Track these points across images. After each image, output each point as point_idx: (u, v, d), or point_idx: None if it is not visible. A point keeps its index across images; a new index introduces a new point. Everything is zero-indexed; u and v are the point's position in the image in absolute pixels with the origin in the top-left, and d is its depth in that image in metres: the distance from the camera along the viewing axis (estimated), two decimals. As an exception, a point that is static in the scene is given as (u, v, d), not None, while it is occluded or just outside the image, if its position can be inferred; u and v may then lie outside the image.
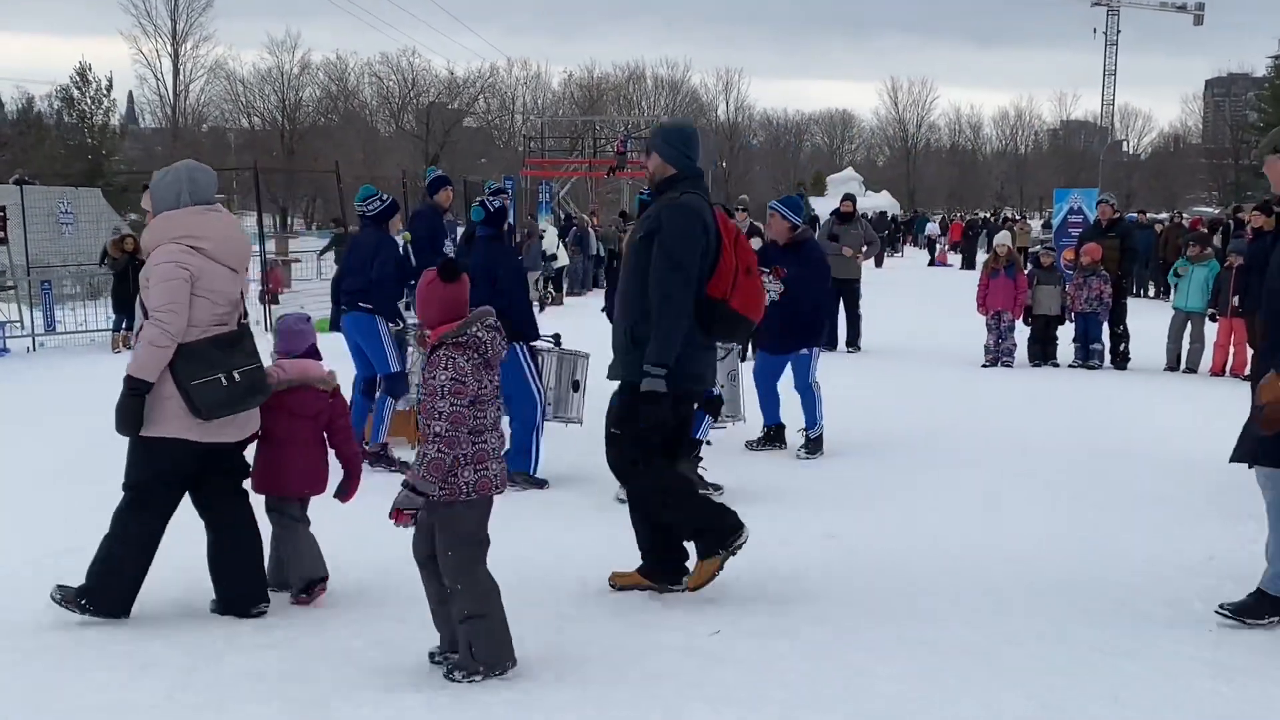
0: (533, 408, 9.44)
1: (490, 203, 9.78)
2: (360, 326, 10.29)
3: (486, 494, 5.51)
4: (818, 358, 10.92)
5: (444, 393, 5.29)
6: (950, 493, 9.37)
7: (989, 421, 12.49)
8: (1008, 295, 16.68)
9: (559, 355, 9.83)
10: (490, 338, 5.46)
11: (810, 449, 10.75)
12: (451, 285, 5.48)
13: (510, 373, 9.34)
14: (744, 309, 6.52)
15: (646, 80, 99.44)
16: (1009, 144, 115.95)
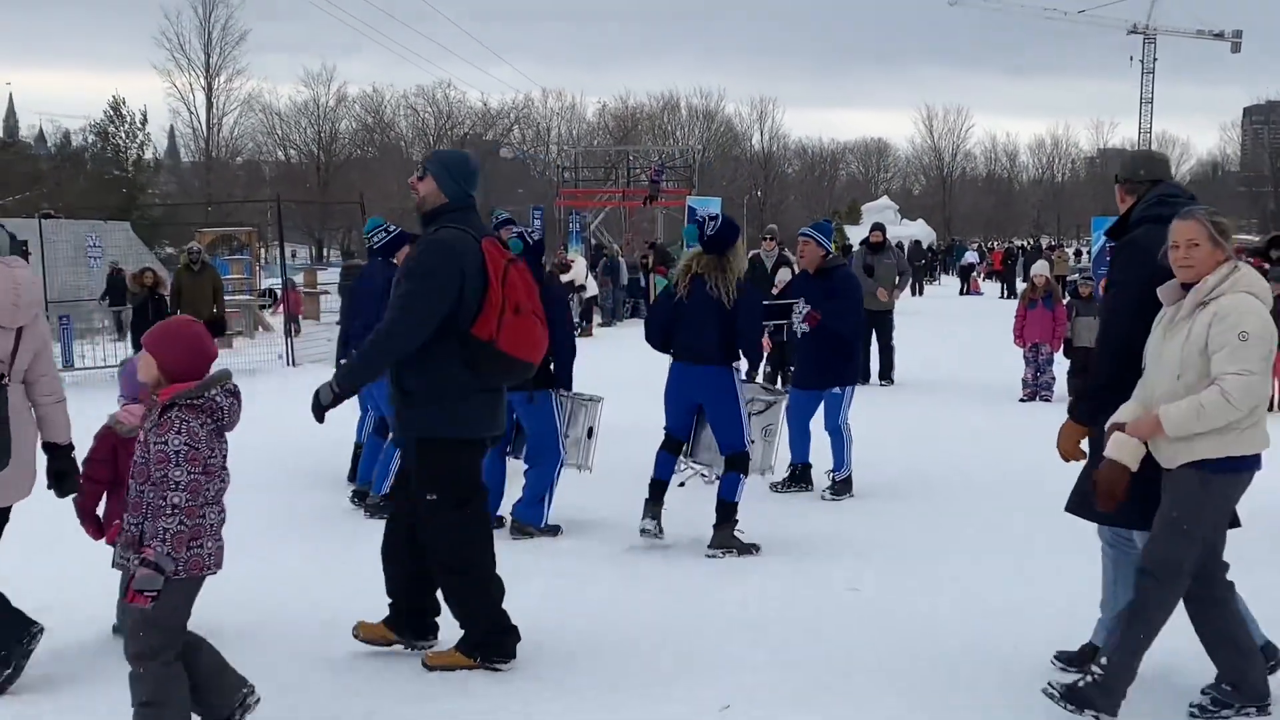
0: (554, 460, 8.98)
1: (530, 235, 9.23)
2: None
3: (198, 573, 4.89)
4: (850, 397, 10.43)
5: (179, 459, 4.72)
6: (983, 542, 8.84)
7: (1025, 461, 11.88)
8: (1046, 327, 16.13)
9: (573, 400, 9.35)
10: (229, 404, 4.88)
11: (836, 491, 10.27)
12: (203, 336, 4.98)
13: (544, 422, 8.90)
14: (514, 349, 5.93)
15: (681, 110, 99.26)
16: (1045, 172, 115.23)
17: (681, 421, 8.69)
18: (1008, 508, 9.92)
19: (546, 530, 8.91)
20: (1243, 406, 5.11)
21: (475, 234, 6.00)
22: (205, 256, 21.43)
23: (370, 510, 9.65)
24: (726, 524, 8.41)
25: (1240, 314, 5.14)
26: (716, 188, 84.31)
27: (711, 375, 8.45)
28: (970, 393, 16.81)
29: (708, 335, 8.38)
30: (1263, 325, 5.15)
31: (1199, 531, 5.31)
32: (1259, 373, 5.13)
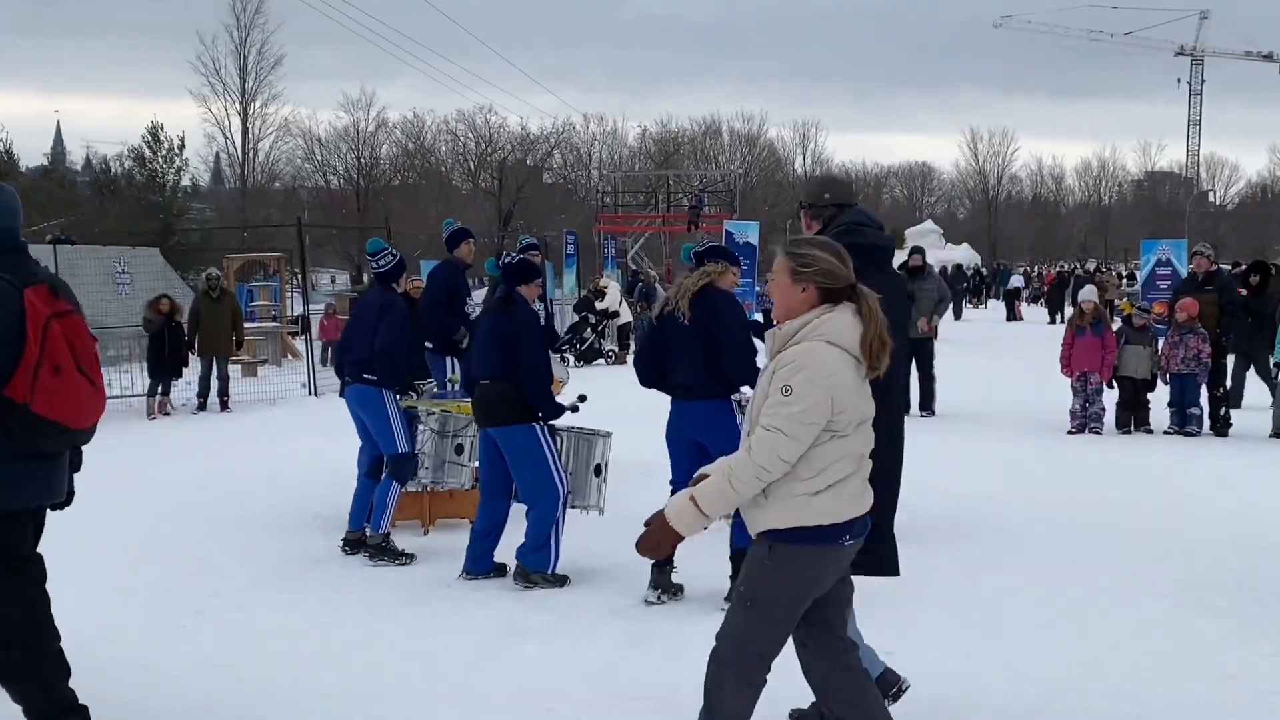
0: (554, 498, 8.21)
1: (507, 259, 8.64)
2: (365, 400, 9.19)
3: None
4: None
5: None
6: (1030, 597, 8.00)
7: (1075, 501, 11.09)
8: (1094, 355, 15.26)
9: (577, 435, 8.62)
10: None
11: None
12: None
13: (528, 458, 8.17)
14: (51, 412, 4.98)
15: (723, 134, 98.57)
16: (1092, 195, 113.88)
17: (685, 471, 7.92)
18: (1055, 556, 9.09)
19: (553, 579, 8.16)
20: (768, 465, 4.43)
21: (17, 281, 5.01)
22: (225, 283, 20.87)
23: (372, 552, 8.96)
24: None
25: (794, 367, 4.47)
26: (759, 212, 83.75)
27: (706, 411, 7.71)
28: (1016, 425, 15.96)
29: (697, 367, 7.65)
30: (812, 384, 4.44)
31: (771, 612, 4.64)
32: (789, 434, 4.41)
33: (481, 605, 7.78)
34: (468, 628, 7.29)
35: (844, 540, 4.60)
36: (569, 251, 34.81)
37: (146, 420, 18.20)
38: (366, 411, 9.19)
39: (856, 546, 4.70)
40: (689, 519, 4.57)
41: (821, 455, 4.48)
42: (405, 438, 9.14)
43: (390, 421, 9.10)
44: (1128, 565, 8.74)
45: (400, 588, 8.24)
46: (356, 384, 9.19)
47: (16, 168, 57.81)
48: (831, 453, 4.50)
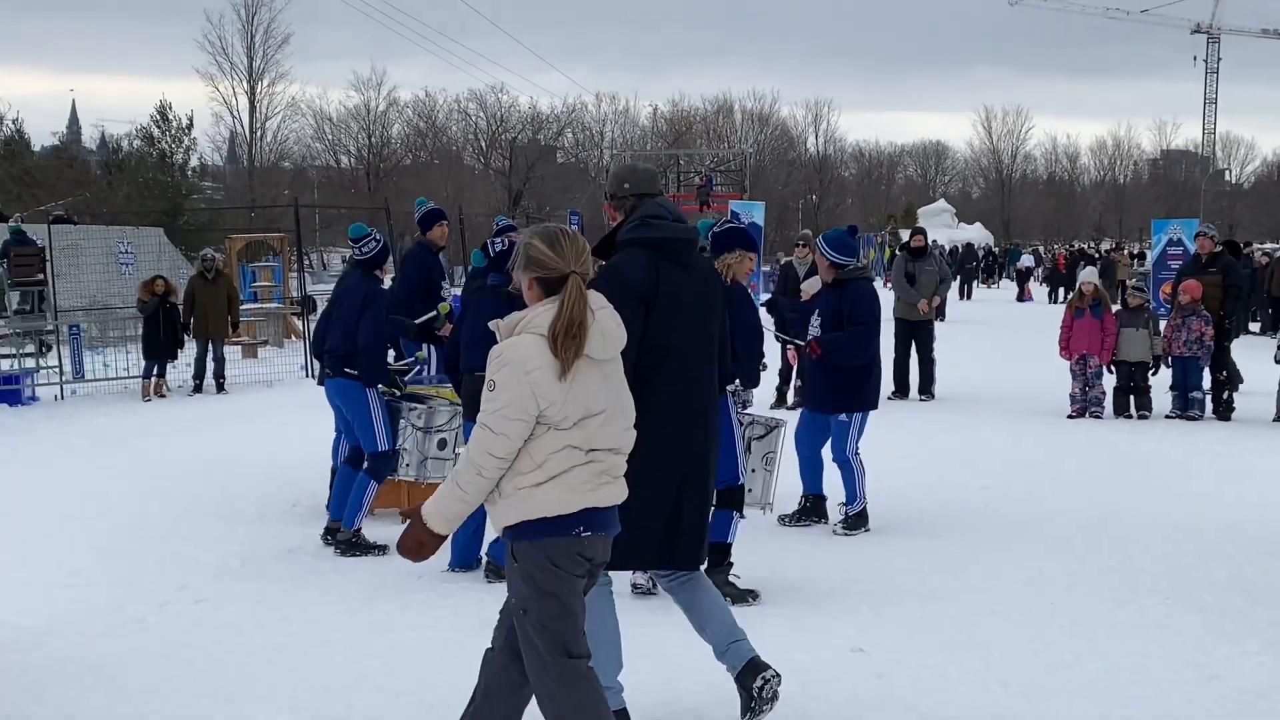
0: None
1: (493, 245, 8.37)
2: (346, 395, 8.95)
3: None
4: (859, 425, 9.33)
5: None
6: (1013, 590, 7.78)
7: (1070, 488, 10.87)
8: (1094, 337, 15.00)
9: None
10: None
11: (849, 525, 9.24)
12: None
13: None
14: None
15: (735, 113, 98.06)
16: (1107, 174, 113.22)
17: None
18: (1046, 545, 8.87)
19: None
20: (481, 462, 4.37)
21: None
22: (220, 264, 20.69)
23: (342, 548, 8.78)
24: (719, 569, 7.42)
25: (499, 361, 4.41)
26: (772, 191, 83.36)
27: None
28: (1016, 409, 15.70)
29: None
30: (514, 378, 4.35)
31: (542, 611, 4.48)
32: (496, 430, 4.35)
33: (450, 598, 7.60)
34: (435, 622, 7.11)
35: (577, 531, 4.45)
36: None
37: (141, 402, 18.02)
38: (348, 406, 8.97)
39: (600, 539, 4.55)
40: (436, 520, 4.49)
41: (540, 447, 4.38)
42: (387, 435, 8.92)
43: (372, 418, 8.88)
44: (1118, 558, 8.52)
45: (369, 580, 8.05)
46: (338, 378, 8.97)
47: (28, 146, 57.87)
48: (550, 444, 4.38)
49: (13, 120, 56.92)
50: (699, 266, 5.50)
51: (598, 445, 4.46)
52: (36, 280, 22.86)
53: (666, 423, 5.17)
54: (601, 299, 4.53)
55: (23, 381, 18.51)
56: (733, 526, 7.48)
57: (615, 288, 4.94)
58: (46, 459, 13.17)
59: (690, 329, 5.31)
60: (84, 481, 11.64)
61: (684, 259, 5.36)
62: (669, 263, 5.24)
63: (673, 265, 5.25)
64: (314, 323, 11.02)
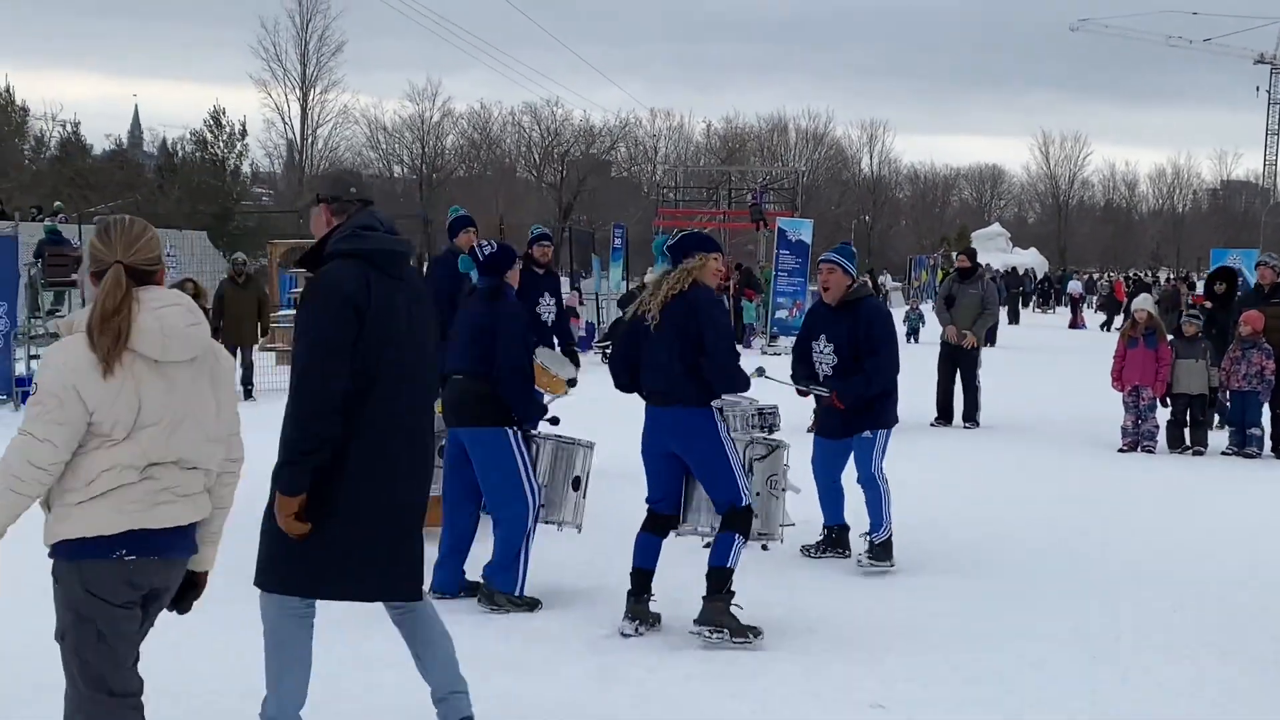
0: (523, 510, 7.46)
1: (482, 248, 7.92)
2: None
3: None
4: (884, 443, 8.72)
5: None
6: (1058, 639, 7.13)
7: (1119, 527, 10.20)
8: (1148, 368, 14.31)
9: (555, 445, 7.86)
10: None
11: (875, 556, 8.56)
12: None
13: (497, 464, 7.46)
14: None
15: (789, 132, 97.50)
16: (1165, 202, 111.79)
17: (664, 487, 7.16)
18: (1090, 591, 8.20)
19: (521, 603, 7.43)
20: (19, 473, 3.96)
21: None
22: (251, 268, 20.34)
23: None
24: (718, 596, 6.84)
25: (43, 364, 4.10)
26: (825, 211, 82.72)
27: (681, 418, 6.93)
28: (1064, 440, 15.01)
29: (673, 368, 6.88)
30: (56, 380, 3.95)
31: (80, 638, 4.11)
32: (40, 436, 3.94)
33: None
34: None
35: (119, 554, 4.07)
36: (615, 245, 34.03)
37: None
38: None
39: (153, 564, 4.17)
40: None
41: (89, 464, 4.01)
42: None
43: None
44: (1169, 605, 7.86)
45: (358, 607, 7.50)
46: None
47: (84, 149, 58.11)
48: (99, 461, 4.01)
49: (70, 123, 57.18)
50: (411, 280, 5.14)
51: (159, 459, 4.08)
52: (70, 281, 22.60)
53: (382, 444, 4.86)
54: (173, 295, 4.15)
55: (47, 382, 18.21)
56: (734, 551, 6.88)
57: (327, 297, 4.75)
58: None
59: (405, 344, 4.97)
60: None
61: (396, 271, 5.01)
62: (382, 274, 4.87)
63: (385, 277, 4.89)
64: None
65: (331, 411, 4.72)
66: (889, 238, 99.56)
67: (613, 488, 9.37)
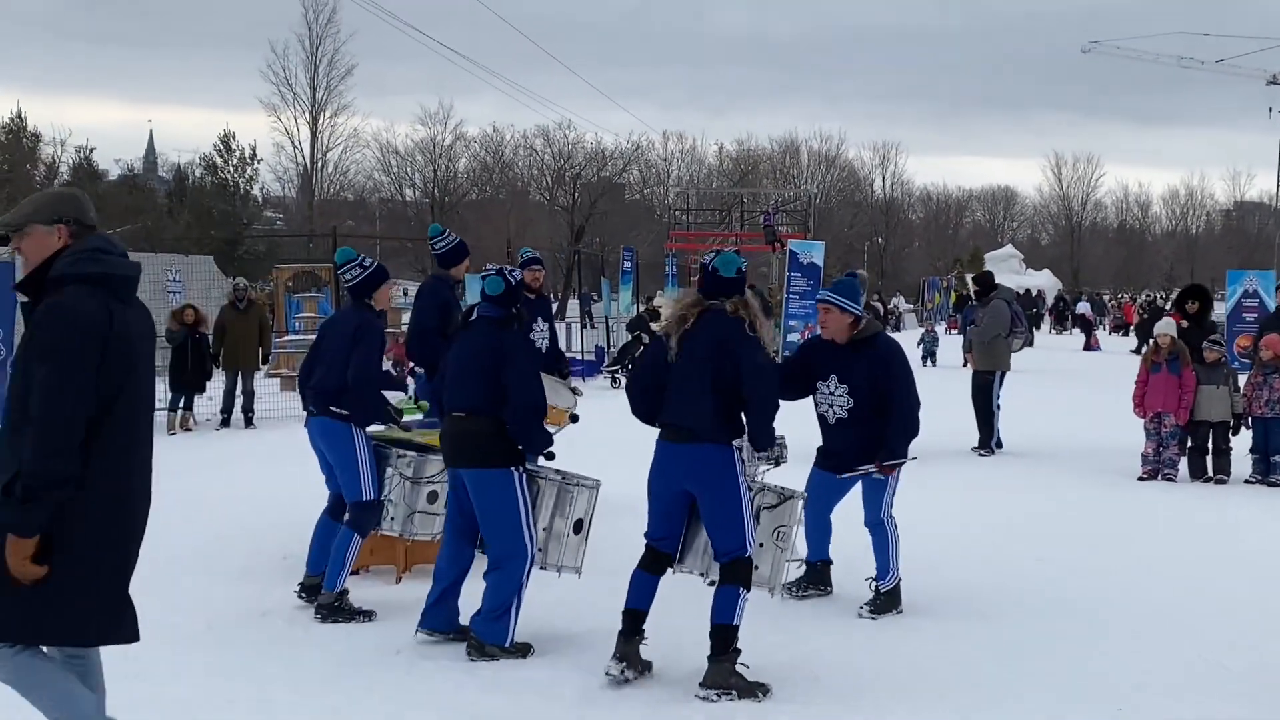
0: (521, 562, 7.05)
1: (511, 275, 7.45)
2: (330, 436, 8.11)
3: None
4: (895, 483, 8.26)
5: None
6: (1079, 688, 6.73)
7: (1141, 564, 9.74)
8: (1170, 394, 13.88)
9: (559, 486, 7.41)
10: None
11: (878, 607, 8.10)
12: None
13: (500, 508, 7.05)
14: None
15: (801, 154, 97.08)
16: (1179, 224, 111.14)
17: (666, 525, 6.77)
18: (1117, 636, 7.76)
19: (512, 651, 7.04)
20: None
21: None
22: (251, 294, 20.03)
23: (323, 613, 7.89)
24: (724, 656, 6.45)
25: None
26: (838, 233, 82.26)
27: (704, 456, 6.53)
28: (1081, 468, 14.58)
29: (703, 403, 6.49)
30: None
31: None
32: None
33: (425, 681, 6.66)
34: (402, 712, 6.18)
35: None
36: (625, 268, 33.67)
37: (166, 436, 17.31)
38: (331, 449, 8.13)
39: None
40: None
41: None
42: (372, 483, 8.05)
43: (358, 462, 8.03)
44: (1195, 649, 7.43)
45: (341, 653, 7.16)
46: (322, 416, 8.13)
47: (96, 174, 57.99)
48: None
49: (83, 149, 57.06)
50: (139, 306, 4.89)
51: None
52: (71, 307, 22.28)
53: (118, 477, 4.63)
54: None
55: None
56: (738, 606, 6.49)
57: (69, 325, 4.49)
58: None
59: (143, 373, 4.77)
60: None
61: (129, 297, 4.80)
62: (117, 300, 4.64)
63: (120, 303, 4.65)
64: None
65: (77, 446, 4.45)
66: (902, 259, 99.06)
67: (613, 524, 8.95)
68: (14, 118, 53.29)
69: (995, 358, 16.14)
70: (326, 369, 8.13)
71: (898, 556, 8.17)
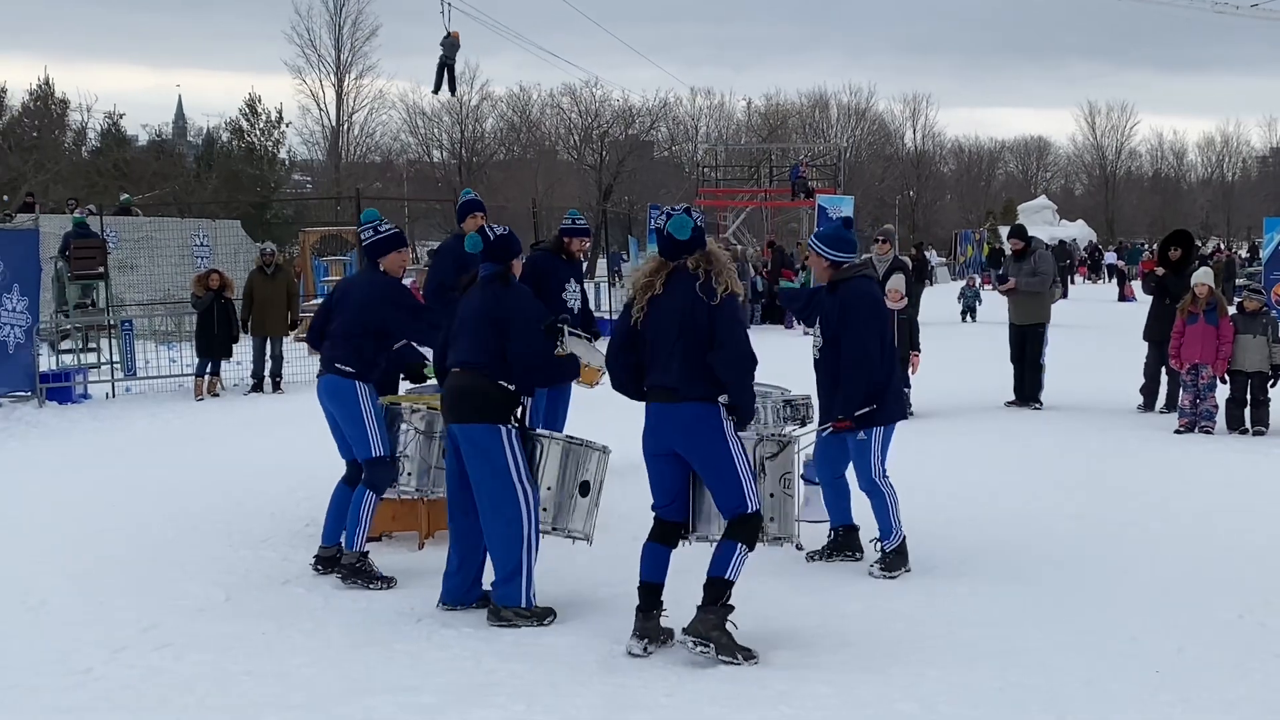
0: (516, 513, 6.86)
1: (492, 229, 7.32)
2: (337, 394, 7.94)
3: None
4: (882, 442, 8.02)
5: None
6: (1115, 650, 6.55)
7: (1179, 518, 9.51)
8: (1208, 345, 13.61)
9: (565, 446, 7.26)
10: None
11: (887, 565, 7.91)
12: None
13: (487, 461, 6.89)
14: None
15: (831, 108, 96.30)
16: (1215, 171, 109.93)
17: (669, 491, 6.58)
18: (1155, 596, 7.56)
19: (532, 613, 6.90)
20: None
21: None
22: (279, 258, 19.88)
23: (344, 573, 7.78)
24: (712, 609, 6.28)
25: None
26: (869, 187, 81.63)
27: (688, 414, 6.36)
28: (1118, 422, 14.35)
29: (678, 362, 6.33)
30: None
31: None
32: None
33: (444, 649, 6.53)
34: (419, 683, 6.04)
35: None
36: (653, 226, 33.30)
37: (193, 401, 17.25)
38: (338, 407, 7.97)
39: None
40: None
41: None
42: (382, 439, 7.90)
43: (364, 419, 7.87)
44: (1236, 610, 7.20)
45: (359, 622, 7.04)
46: (329, 374, 7.98)
47: (126, 141, 57.98)
48: None
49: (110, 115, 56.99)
50: None
51: None
52: (98, 274, 22.20)
53: None
54: None
55: (74, 379, 17.87)
56: (734, 561, 6.32)
57: None
58: (71, 464, 12.38)
59: None
60: (98, 492, 10.80)
61: None
62: None
63: None
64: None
65: None
66: (934, 212, 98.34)
67: (631, 490, 8.78)
68: (41, 84, 53.29)
69: (1044, 310, 15.93)
70: (340, 328, 7.99)
71: (898, 515, 7.97)
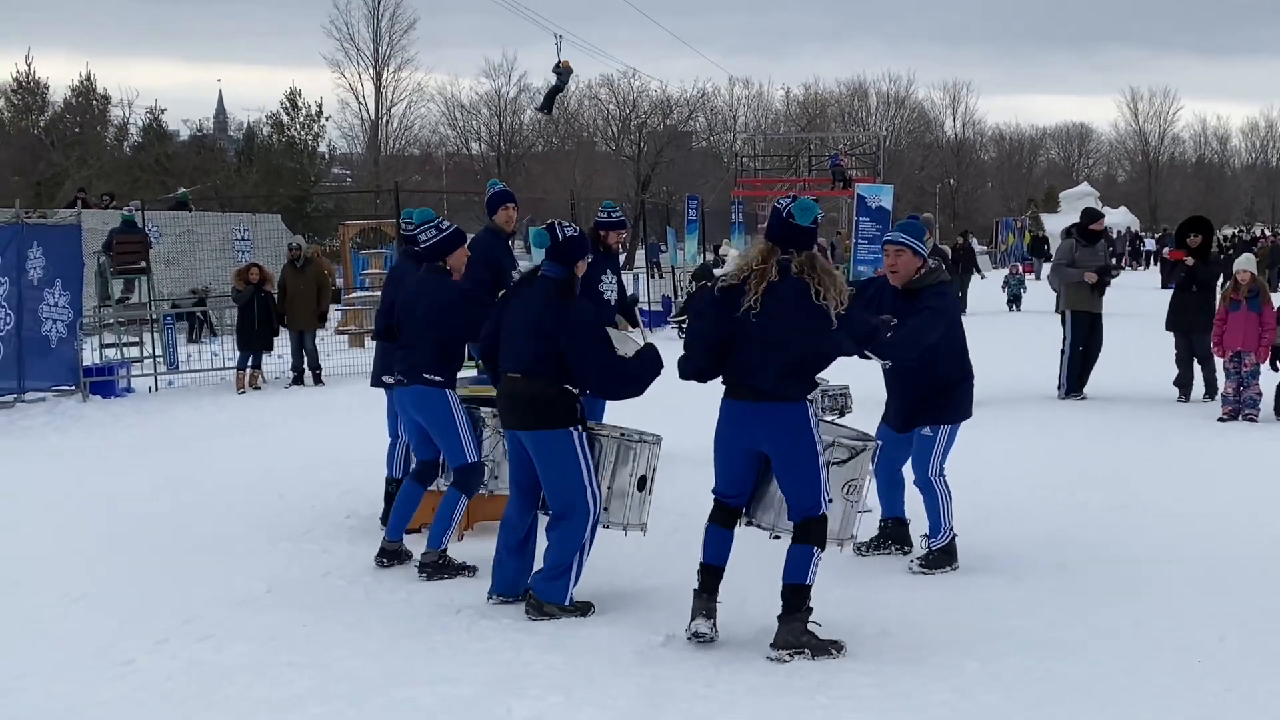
0: (584, 520, 6.87)
1: (563, 229, 7.11)
2: (426, 405, 7.86)
3: None
4: (946, 442, 7.93)
5: None
6: (1156, 641, 6.51)
7: (1223, 509, 9.40)
8: (1250, 332, 13.48)
9: (620, 443, 7.19)
10: None
11: (930, 563, 7.82)
12: None
13: (561, 467, 6.87)
14: None
15: (870, 96, 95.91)
16: (1259, 157, 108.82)
17: (740, 483, 6.55)
18: (1199, 586, 7.49)
19: (572, 609, 6.91)
20: None
21: None
22: (309, 252, 19.93)
23: (428, 571, 7.75)
24: (796, 616, 6.28)
25: None
26: (909, 175, 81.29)
27: (782, 415, 6.31)
28: (1161, 410, 14.23)
29: (780, 363, 6.27)
30: None
31: None
32: None
33: (482, 641, 6.55)
34: (459, 674, 6.05)
35: None
36: (690, 217, 33.33)
37: (235, 394, 17.37)
38: (428, 418, 7.89)
39: None
40: None
41: None
42: (474, 446, 7.88)
43: (459, 428, 7.82)
44: (1275, 610, 7.12)
45: (400, 613, 7.07)
46: (415, 385, 7.90)
47: (168, 137, 58.37)
48: None
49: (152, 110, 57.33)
50: None
51: None
52: (140, 268, 22.35)
53: None
54: None
55: (117, 372, 18.01)
56: (812, 565, 6.32)
57: None
58: (114, 457, 12.49)
59: None
60: (140, 484, 10.89)
61: None
62: None
63: None
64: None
65: None
66: (974, 200, 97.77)
67: (675, 479, 8.77)
68: (83, 80, 53.68)
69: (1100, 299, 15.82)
70: (414, 337, 7.90)
71: (950, 514, 7.88)
